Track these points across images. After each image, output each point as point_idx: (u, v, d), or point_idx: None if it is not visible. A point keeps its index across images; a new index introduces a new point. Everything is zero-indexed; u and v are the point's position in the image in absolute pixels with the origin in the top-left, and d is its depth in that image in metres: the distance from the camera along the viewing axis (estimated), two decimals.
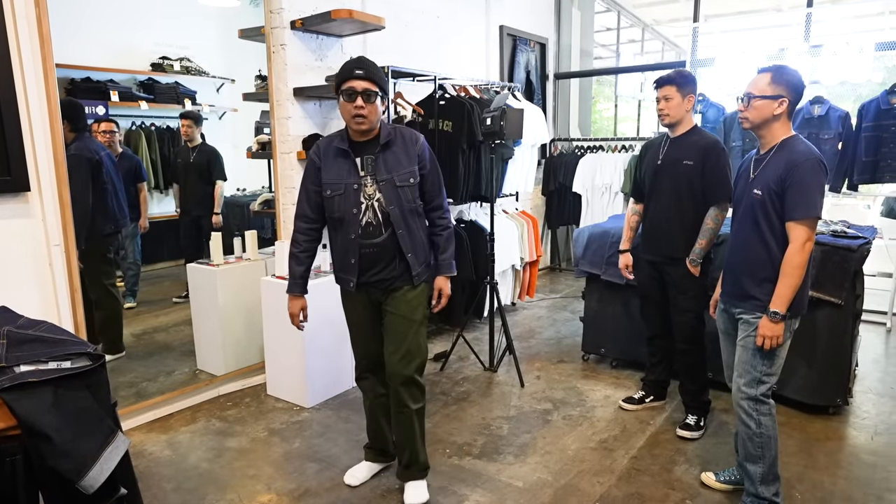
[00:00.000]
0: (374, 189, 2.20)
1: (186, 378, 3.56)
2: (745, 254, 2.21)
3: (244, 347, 3.61)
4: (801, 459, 2.72)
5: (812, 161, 2.03)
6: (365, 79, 2.10)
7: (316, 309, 3.23)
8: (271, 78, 3.49)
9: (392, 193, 2.20)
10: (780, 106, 2.10)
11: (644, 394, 3.28)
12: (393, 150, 2.23)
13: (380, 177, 2.21)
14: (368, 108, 2.12)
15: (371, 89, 2.10)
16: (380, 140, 2.22)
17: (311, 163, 2.29)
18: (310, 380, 3.29)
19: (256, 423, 3.12)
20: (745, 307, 2.22)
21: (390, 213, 2.20)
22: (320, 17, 3.36)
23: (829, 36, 4.76)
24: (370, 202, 2.21)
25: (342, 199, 2.21)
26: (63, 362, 1.40)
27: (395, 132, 2.27)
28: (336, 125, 3.81)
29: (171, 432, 3.03)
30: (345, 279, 2.32)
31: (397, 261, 2.27)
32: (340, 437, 2.96)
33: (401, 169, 2.22)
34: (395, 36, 4.09)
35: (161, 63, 5.64)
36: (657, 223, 2.94)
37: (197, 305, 3.66)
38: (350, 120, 2.15)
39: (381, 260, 2.25)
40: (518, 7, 5.72)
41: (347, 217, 2.21)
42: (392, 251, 2.25)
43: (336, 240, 2.30)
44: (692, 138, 2.85)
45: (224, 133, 6.37)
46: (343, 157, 2.22)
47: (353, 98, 2.10)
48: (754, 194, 2.15)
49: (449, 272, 2.38)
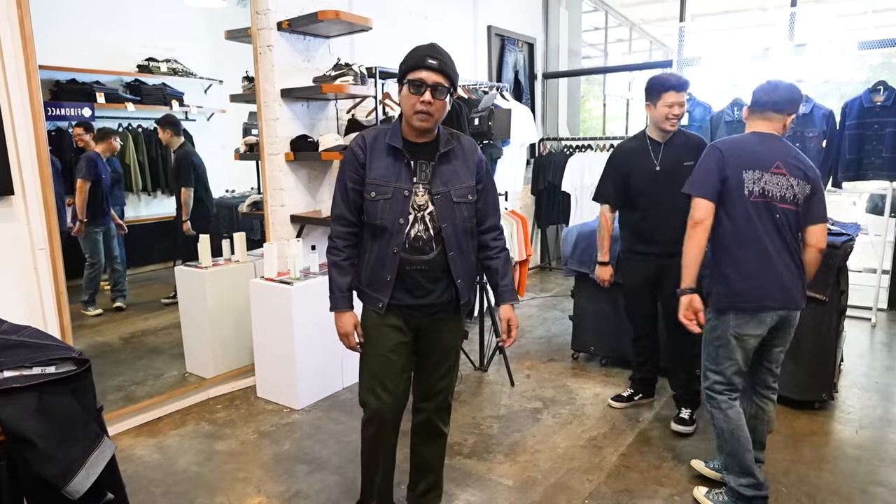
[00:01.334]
0: (425, 200, 1.92)
1: (175, 381, 3.54)
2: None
3: (233, 350, 3.60)
4: (787, 454, 2.75)
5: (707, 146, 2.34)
6: (438, 71, 1.82)
7: (305, 310, 3.24)
8: (258, 79, 3.48)
9: (447, 209, 1.92)
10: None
11: (632, 391, 3.30)
12: (451, 161, 1.96)
13: (435, 189, 1.92)
14: (436, 105, 1.83)
15: (443, 84, 1.83)
16: (439, 146, 1.94)
17: (352, 155, 1.96)
18: (300, 382, 3.28)
19: (246, 426, 3.11)
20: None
21: (443, 230, 1.92)
22: (307, 18, 3.36)
23: (812, 35, 4.80)
24: (420, 213, 1.92)
25: (388, 206, 1.90)
26: (47, 367, 1.39)
27: (453, 139, 1.99)
28: (325, 126, 3.81)
29: (159, 436, 3.01)
30: (373, 298, 1.98)
31: (444, 285, 1.98)
32: (331, 439, 2.96)
33: (459, 183, 1.95)
34: (382, 36, 4.09)
35: (147, 64, 5.61)
36: (660, 224, 2.88)
37: (186, 308, 3.64)
38: (412, 116, 1.85)
39: (427, 281, 1.95)
40: (506, 7, 5.73)
41: (392, 226, 1.90)
42: (439, 273, 1.96)
43: (370, 251, 1.97)
44: (681, 139, 2.91)
45: (212, 134, 6.34)
46: (395, 156, 1.93)
47: (420, 90, 1.81)
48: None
49: (513, 299, 2.09)
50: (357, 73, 3.44)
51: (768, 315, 2.21)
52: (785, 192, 2.19)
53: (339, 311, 2.03)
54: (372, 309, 2.01)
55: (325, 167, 3.81)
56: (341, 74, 3.43)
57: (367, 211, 1.94)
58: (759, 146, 2.22)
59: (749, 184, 2.18)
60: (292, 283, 3.23)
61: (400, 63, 1.88)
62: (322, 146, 3.45)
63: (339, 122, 3.91)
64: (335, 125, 3.88)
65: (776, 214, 2.18)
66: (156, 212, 5.70)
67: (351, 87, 3.41)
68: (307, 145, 3.52)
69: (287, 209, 3.60)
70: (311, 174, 3.73)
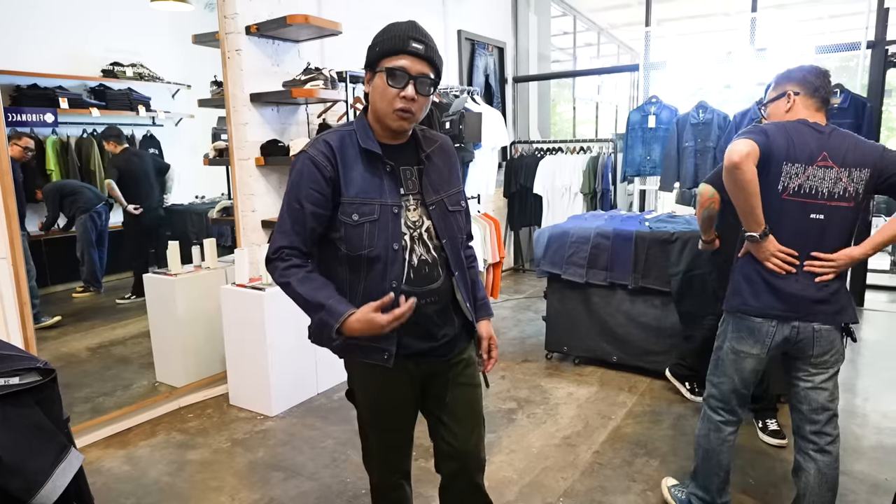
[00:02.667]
0: (419, 215, 1.55)
1: (145, 391, 3.48)
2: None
3: (205, 357, 3.55)
4: (755, 446, 2.82)
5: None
6: (423, 58, 1.44)
7: (278, 316, 3.22)
8: (227, 84, 3.45)
9: (444, 221, 1.58)
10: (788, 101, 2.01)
11: (764, 421, 2.97)
12: (435, 162, 1.61)
13: (428, 197, 1.56)
14: (419, 102, 1.46)
15: (428, 75, 1.46)
16: (422, 146, 1.58)
17: (311, 168, 1.48)
18: (273, 388, 3.25)
19: (219, 434, 3.07)
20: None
21: (445, 247, 1.56)
22: (276, 22, 3.34)
23: (773, 39, 4.95)
24: (416, 231, 1.54)
25: (376, 229, 1.48)
26: (11, 378, 1.36)
27: (430, 137, 1.65)
28: (295, 131, 3.79)
29: (129, 447, 2.95)
30: (371, 349, 1.52)
31: (454, 314, 1.62)
32: (305, 445, 2.94)
33: (449, 188, 1.63)
34: (353, 41, 4.06)
35: (112, 69, 5.50)
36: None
37: (155, 316, 3.58)
38: (388, 114, 1.46)
39: (439, 316, 1.57)
40: (475, 12, 5.78)
41: (385, 255, 1.49)
42: (447, 301, 1.60)
43: (354, 290, 1.52)
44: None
45: (181, 140, 6.25)
46: (371, 164, 1.51)
47: (401, 83, 1.43)
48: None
49: (490, 314, 1.76)
50: (327, 77, 3.44)
51: (769, 327, 1.94)
52: (833, 186, 1.87)
53: (345, 320, 1.40)
54: (370, 364, 1.54)
55: None
56: (311, 79, 3.42)
57: (346, 240, 1.49)
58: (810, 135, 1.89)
59: (785, 178, 1.88)
60: (264, 289, 3.20)
61: (371, 44, 1.49)
62: (293, 151, 3.44)
63: (310, 126, 3.90)
64: (306, 129, 3.87)
65: (811, 214, 1.89)
66: (122, 219, 5.56)
67: (321, 92, 3.40)
68: (278, 150, 3.50)
69: (258, 214, 3.57)
70: (283, 179, 3.71)
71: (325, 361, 3.56)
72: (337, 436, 3.02)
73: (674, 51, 5.51)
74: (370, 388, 1.62)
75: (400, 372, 1.56)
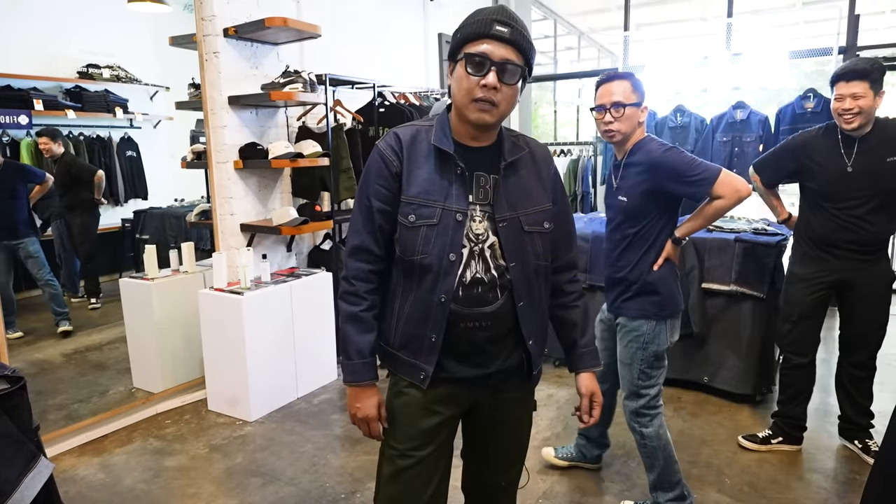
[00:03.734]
0: (484, 228, 1.36)
1: (122, 397, 3.43)
2: (610, 266, 2.26)
3: (183, 363, 3.51)
4: (730, 446, 2.86)
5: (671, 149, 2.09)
6: (510, 42, 1.27)
7: (257, 320, 3.19)
8: (205, 86, 3.42)
9: (515, 242, 1.37)
10: (642, 112, 2.12)
11: (771, 433, 2.82)
12: (520, 174, 1.41)
13: (499, 212, 1.36)
14: (504, 92, 1.30)
15: (514, 62, 1.29)
16: (504, 153, 1.39)
17: (380, 162, 1.38)
18: (252, 393, 3.22)
19: (197, 440, 3.04)
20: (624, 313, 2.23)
21: (510, 270, 1.37)
22: (254, 24, 3.32)
23: (748, 44, 5.04)
24: (479, 246, 1.36)
25: (433, 234, 1.34)
26: None
27: (520, 143, 1.45)
28: (275, 134, 3.76)
29: (104, 455, 2.91)
30: (409, 365, 1.40)
31: (511, 346, 1.42)
32: (284, 450, 2.92)
33: (531, 205, 1.41)
34: (332, 43, 4.07)
35: (88, 71, 5.43)
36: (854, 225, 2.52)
37: (132, 321, 3.53)
38: (467, 105, 1.31)
39: (489, 343, 1.38)
40: (456, 15, 5.78)
41: (438, 265, 1.34)
42: (505, 330, 1.39)
43: (404, 299, 1.40)
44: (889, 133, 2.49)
45: (159, 142, 6.19)
46: (441, 164, 1.37)
47: (481, 70, 1.27)
48: (620, 201, 2.18)
49: (596, 364, 1.55)
50: (306, 80, 3.43)
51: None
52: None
53: (359, 385, 1.40)
54: (406, 382, 1.42)
55: (276, 175, 3.77)
56: (290, 81, 3.40)
57: (401, 242, 1.37)
58: None
59: None
60: (243, 294, 3.18)
61: (454, 31, 1.34)
62: (272, 154, 3.42)
63: (289, 129, 3.88)
64: (285, 132, 3.85)
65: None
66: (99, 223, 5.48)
67: (300, 95, 3.39)
68: (257, 153, 3.47)
69: (237, 218, 3.54)
70: (262, 182, 3.68)
71: (305, 366, 3.54)
72: (317, 440, 3.00)
73: (652, 55, 5.57)
74: (396, 407, 1.44)
75: (435, 395, 1.40)
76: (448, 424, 1.44)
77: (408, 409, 1.42)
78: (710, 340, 3.32)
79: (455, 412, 1.45)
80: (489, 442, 1.52)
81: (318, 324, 3.64)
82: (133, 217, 5.83)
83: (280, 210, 3.55)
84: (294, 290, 3.44)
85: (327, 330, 3.71)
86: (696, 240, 3.29)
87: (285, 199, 3.88)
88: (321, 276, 3.65)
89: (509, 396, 1.47)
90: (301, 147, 3.53)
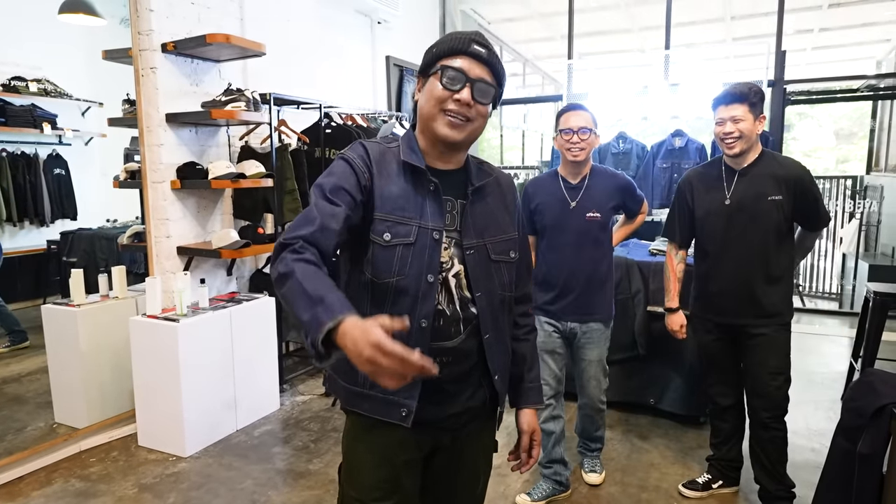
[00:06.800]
0: (449, 256, 1.29)
1: (41, 434, 3.16)
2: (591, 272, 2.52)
3: (111, 395, 3.28)
4: (678, 469, 2.89)
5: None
6: (486, 63, 1.25)
7: (193, 348, 3.02)
8: (140, 102, 3.27)
9: (482, 270, 1.31)
10: (596, 140, 2.48)
11: (710, 477, 2.69)
12: (486, 199, 1.36)
13: (467, 239, 1.30)
14: (476, 110, 1.25)
15: (488, 81, 1.26)
16: (471, 177, 1.34)
17: (347, 168, 1.27)
18: (187, 426, 3.04)
19: (125, 480, 2.82)
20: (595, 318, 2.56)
21: (476, 301, 1.30)
22: (195, 40, 3.21)
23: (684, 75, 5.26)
24: (442, 275, 1.28)
25: (410, 255, 1.25)
26: None
27: (486, 169, 1.40)
28: (215, 153, 3.62)
29: (19, 499, 2.66)
30: (385, 404, 1.27)
31: (475, 383, 1.35)
32: (222, 487, 2.75)
33: (498, 233, 1.35)
34: (277, 63, 3.98)
35: (11, 84, 5.12)
36: (738, 277, 2.44)
37: (54, 351, 3.28)
38: (436, 116, 1.25)
39: (451, 380, 1.30)
40: (404, 38, 5.81)
41: (416, 287, 1.24)
42: (469, 366, 1.32)
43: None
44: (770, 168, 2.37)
45: (91, 160, 5.86)
46: (414, 179, 1.29)
47: (457, 84, 1.23)
48: (590, 217, 2.47)
49: (539, 402, 1.48)
50: (249, 98, 3.33)
51: None
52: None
53: (341, 319, 0.96)
54: (380, 422, 1.28)
55: (216, 196, 3.62)
56: (233, 100, 3.29)
57: (374, 263, 1.25)
58: None
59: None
60: (178, 320, 3.01)
61: (428, 48, 1.30)
62: (212, 174, 3.28)
63: (231, 148, 3.75)
64: (227, 152, 3.72)
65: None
66: (21, 244, 5.14)
67: (243, 114, 3.28)
68: (196, 173, 3.33)
69: (173, 240, 3.37)
70: (201, 203, 3.53)
71: (244, 396, 3.37)
72: (257, 476, 2.84)
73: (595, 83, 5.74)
74: (361, 454, 1.31)
75: (408, 438, 1.28)
76: (411, 470, 1.34)
77: (371, 454, 1.31)
78: (655, 363, 3.36)
79: (416, 456, 1.33)
80: (447, 483, 1.41)
81: (259, 351, 3.48)
82: (60, 238, 5.47)
83: (220, 232, 3.40)
84: (234, 316, 3.29)
85: (270, 357, 3.56)
86: (641, 264, 3.36)
87: (226, 220, 3.73)
88: (263, 300, 3.51)
89: (475, 437, 1.40)
90: (243, 167, 3.41)
